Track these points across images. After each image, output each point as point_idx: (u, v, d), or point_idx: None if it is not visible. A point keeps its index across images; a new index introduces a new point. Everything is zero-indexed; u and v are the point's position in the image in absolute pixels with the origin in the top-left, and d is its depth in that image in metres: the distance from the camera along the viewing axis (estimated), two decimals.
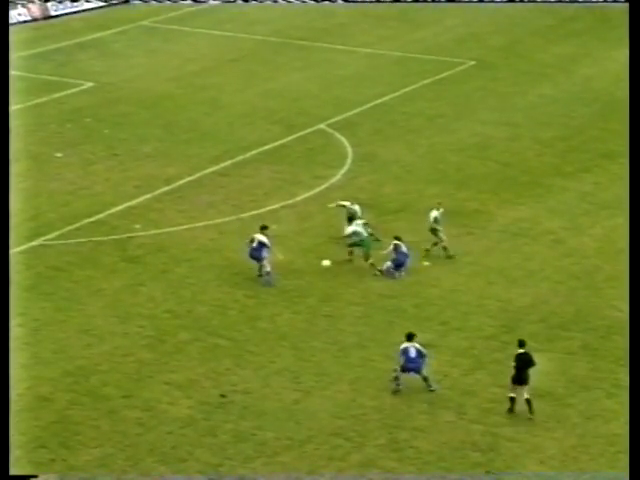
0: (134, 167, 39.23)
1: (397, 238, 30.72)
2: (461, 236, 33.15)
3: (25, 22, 57.85)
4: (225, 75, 50.36)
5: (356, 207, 32.38)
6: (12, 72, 49.17)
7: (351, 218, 31.87)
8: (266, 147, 41.20)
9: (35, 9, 58.62)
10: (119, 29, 57.54)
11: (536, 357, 24.52)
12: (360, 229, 31.05)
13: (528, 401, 24.21)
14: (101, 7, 61.22)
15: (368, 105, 45.55)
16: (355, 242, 31.11)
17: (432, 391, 25.06)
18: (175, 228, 34.07)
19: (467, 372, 25.96)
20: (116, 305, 29.47)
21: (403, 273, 30.65)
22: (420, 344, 25.19)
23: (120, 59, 52.72)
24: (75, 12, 60.17)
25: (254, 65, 51.95)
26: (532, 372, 24.37)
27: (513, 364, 24.23)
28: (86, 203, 35.78)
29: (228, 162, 39.63)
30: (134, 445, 23.52)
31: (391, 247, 30.60)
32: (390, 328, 28.08)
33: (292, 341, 27.65)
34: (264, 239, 30.19)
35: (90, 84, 48.61)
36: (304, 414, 24.61)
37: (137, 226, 34.30)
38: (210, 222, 34.59)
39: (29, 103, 45.79)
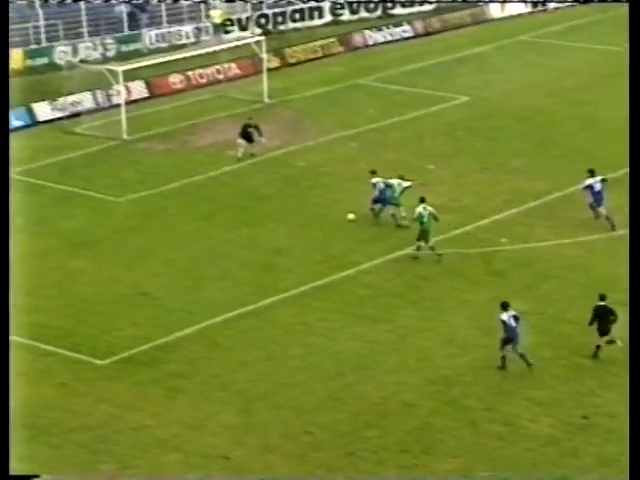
0: (504, 181, 39.46)
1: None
2: None
3: (408, 39, 59.63)
4: (602, 90, 49.39)
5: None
6: (392, 87, 51.70)
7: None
8: None
9: (418, 26, 60.35)
10: (497, 44, 57.95)
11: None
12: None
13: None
14: (479, 23, 61.94)
15: None
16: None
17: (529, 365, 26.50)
18: (542, 244, 33.97)
19: None
20: (479, 317, 29.85)
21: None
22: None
23: (497, 73, 53.13)
24: (455, 28, 61.26)
25: None
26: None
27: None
28: (454, 215, 36.41)
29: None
30: (494, 459, 23.75)
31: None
32: None
33: None
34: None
35: (465, 98, 49.40)
36: None
37: (503, 240, 34.53)
38: (578, 239, 34.17)
39: (406, 116, 47.19)
